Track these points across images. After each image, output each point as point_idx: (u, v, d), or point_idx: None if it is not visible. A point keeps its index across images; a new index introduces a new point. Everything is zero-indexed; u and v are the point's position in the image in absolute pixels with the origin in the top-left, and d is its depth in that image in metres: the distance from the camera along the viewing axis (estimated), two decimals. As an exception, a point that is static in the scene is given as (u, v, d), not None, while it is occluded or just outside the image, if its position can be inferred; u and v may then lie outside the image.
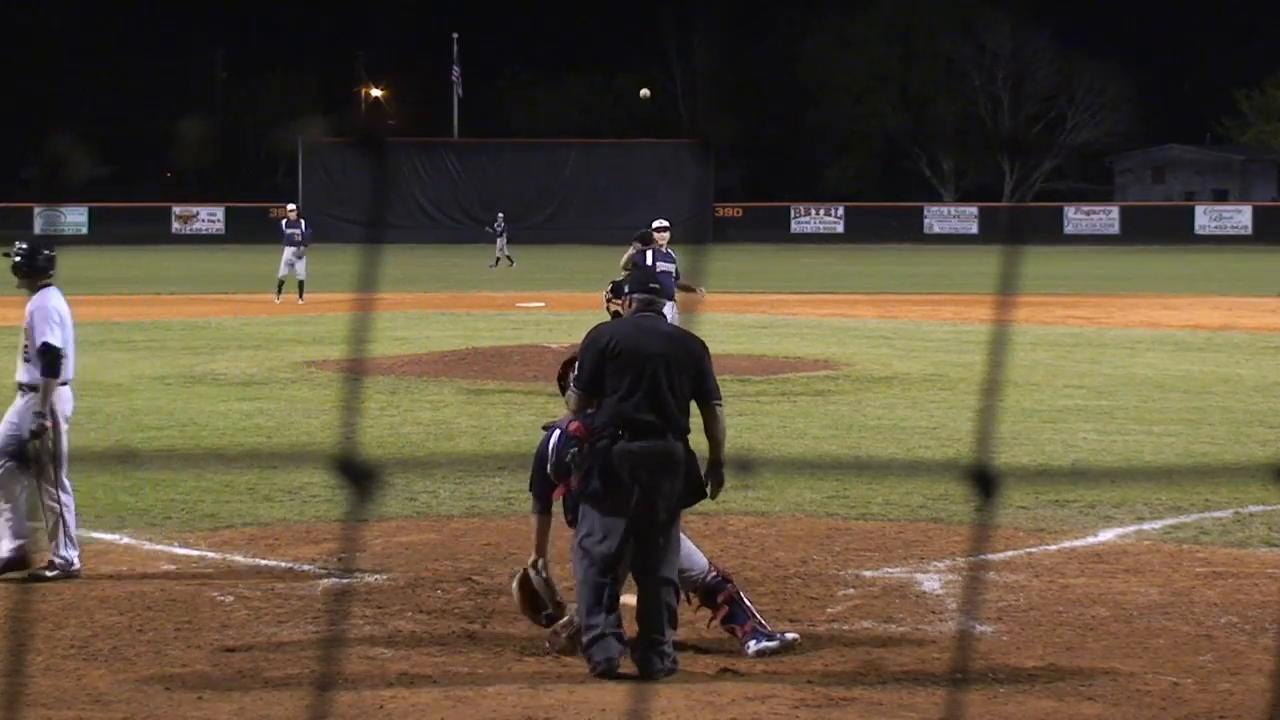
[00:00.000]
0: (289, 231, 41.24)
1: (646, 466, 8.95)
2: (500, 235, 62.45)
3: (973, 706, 8.49)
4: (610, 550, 8.98)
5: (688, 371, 9.14)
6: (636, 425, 9.01)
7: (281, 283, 40.69)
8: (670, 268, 21.41)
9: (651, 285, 9.64)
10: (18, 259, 11.17)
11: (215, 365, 24.86)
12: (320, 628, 10.01)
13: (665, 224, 22.35)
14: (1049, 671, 9.10)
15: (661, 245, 22.00)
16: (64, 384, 11.07)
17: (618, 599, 9.04)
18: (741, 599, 9.43)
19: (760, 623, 9.34)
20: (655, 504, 8.95)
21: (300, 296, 40.09)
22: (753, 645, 9.25)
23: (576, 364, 9.38)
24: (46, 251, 11.20)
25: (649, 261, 21.41)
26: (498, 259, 60.67)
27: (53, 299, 11.10)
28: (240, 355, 26.46)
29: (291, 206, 44.92)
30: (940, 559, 11.82)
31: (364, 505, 2.79)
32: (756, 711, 8.38)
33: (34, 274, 11.15)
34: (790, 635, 9.35)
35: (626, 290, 9.78)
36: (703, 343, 9.38)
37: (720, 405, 9.28)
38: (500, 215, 66.59)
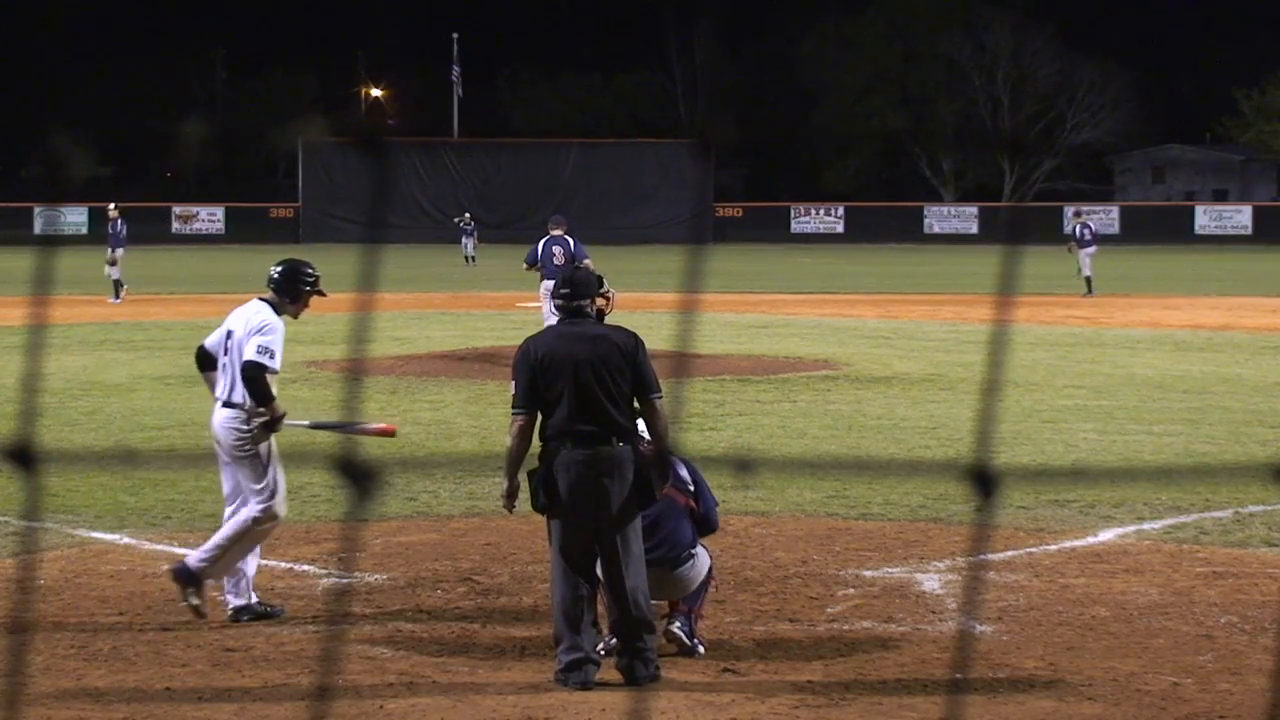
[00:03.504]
0: (119, 232, 40.32)
1: (588, 474, 8.87)
2: (470, 235, 63.09)
3: (973, 706, 8.49)
4: (572, 560, 8.94)
5: (620, 370, 8.94)
6: (577, 435, 8.89)
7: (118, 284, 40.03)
8: (559, 249, 25.86)
9: (564, 290, 9.30)
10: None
11: (215, 365, 24.83)
12: (320, 628, 10.01)
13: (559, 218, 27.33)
14: (1049, 671, 9.10)
15: (559, 232, 26.34)
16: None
17: (594, 615, 9.00)
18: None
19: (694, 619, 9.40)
20: (603, 510, 8.88)
21: (117, 296, 39.66)
22: (678, 624, 9.28)
23: (512, 386, 9.23)
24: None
25: (543, 247, 26.10)
26: (469, 257, 61.33)
27: None
28: (240, 355, 26.42)
29: (113, 206, 43.07)
30: (940, 559, 11.82)
31: (364, 505, 2.78)
32: (756, 711, 8.38)
33: None
34: (701, 649, 9.33)
35: (552, 294, 9.68)
36: (635, 336, 9.13)
37: (659, 398, 9.01)
38: (467, 214, 67.30)
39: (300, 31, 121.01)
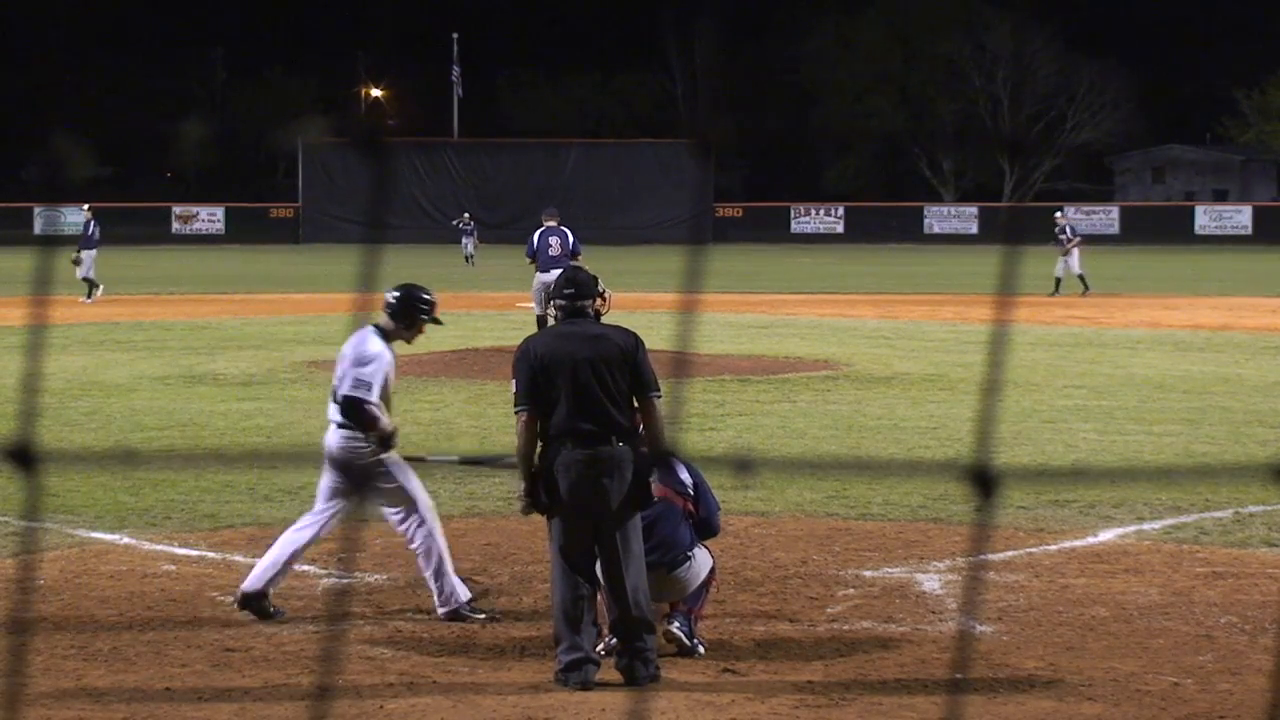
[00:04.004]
0: (90, 234, 39.96)
1: (588, 474, 8.87)
2: (470, 235, 63.63)
3: (973, 706, 8.49)
4: (572, 560, 8.95)
5: (621, 369, 8.96)
6: (578, 434, 8.90)
7: (91, 284, 39.61)
8: (555, 240, 27.15)
9: (567, 290, 9.31)
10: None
11: (215, 365, 24.86)
12: (320, 628, 10.01)
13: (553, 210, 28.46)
14: (1049, 671, 9.10)
15: (553, 223, 27.48)
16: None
17: (593, 615, 9.00)
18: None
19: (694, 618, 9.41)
20: (603, 508, 8.89)
21: (89, 295, 39.21)
22: (677, 623, 9.29)
23: (513, 385, 9.22)
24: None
25: (539, 239, 27.29)
26: (468, 257, 62.34)
27: None
28: (240, 355, 26.46)
29: (86, 207, 42.18)
30: (940, 559, 11.82)
31: (364, 505, 2.79)
32: (756, 711, 8.38)
33: None
34: (701, 649, 9.33)
35: (550, 296, 9.65)
36: (634, 336, 9.17)
37: (658, 396, 9.03)
38: (466, 214, 68.06)
39: (300, 31, 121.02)
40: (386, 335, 10.36)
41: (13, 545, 12.16)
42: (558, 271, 26.99)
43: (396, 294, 10.48)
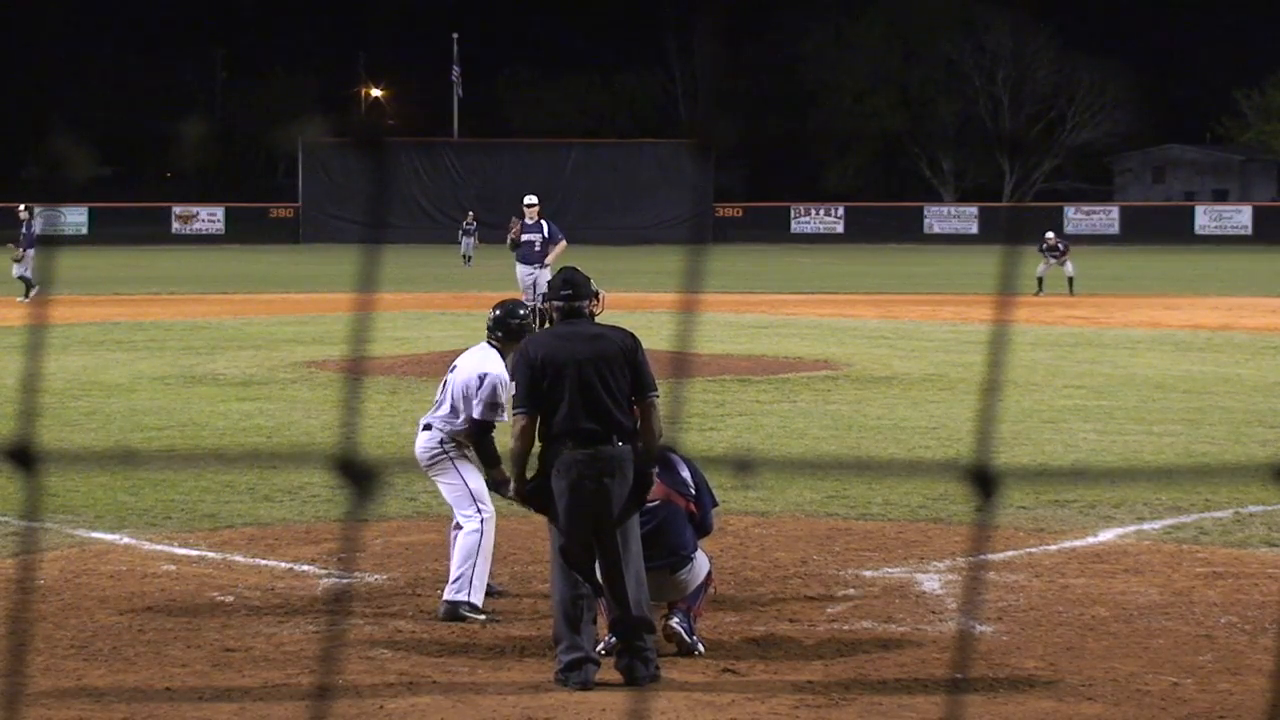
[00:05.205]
0: (29, 232, 39.46)
1: (589, 473, 8.88)
2: (471, 235, 63.84)
3: (973, 706, 8.49)
4: (572, 559, 8.94)
5: (621, 368, 8.99)
6: (580, 435, 8.91)
7: (28, 282, 39.03)
8: (536, 237, 27.97)
9: (564, 291, 9.33)
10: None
11: (215, 365, 24.86)
12: (320, 628, 10.01)
13: (533, 200, 28.69)
14: (1049, 671, 9.10)
15: (530, 219, 28.11)
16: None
17: (593, 615, 8.99)
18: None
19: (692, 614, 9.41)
20: (604, 509, 8.90)
21: (26, 295, 38.63)
22: (677, 619, 9.29)
23: (513, 387, 9.21)
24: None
25: (520, 233, 28.17)
26: (465, 256, 62.68)
27: None
28: (240, 355, 26.45)
29: (23, 207, 41.23)
30: (940, 559, 11.82)
31: (364, 505, 2.78)
32: (756, 711, 8.38)
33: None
34: (700, 648, 9.34)
35: (546, 297, 9.66)
36: (634, 336, 9.19)
37: (656, 396, 9.05)
38: (470, 213, 68.32)
39: (300, 31, 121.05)
40: (502, 353, 10.41)
41: (13, 545, 12.16)
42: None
43: (496, 313, 10.60)
